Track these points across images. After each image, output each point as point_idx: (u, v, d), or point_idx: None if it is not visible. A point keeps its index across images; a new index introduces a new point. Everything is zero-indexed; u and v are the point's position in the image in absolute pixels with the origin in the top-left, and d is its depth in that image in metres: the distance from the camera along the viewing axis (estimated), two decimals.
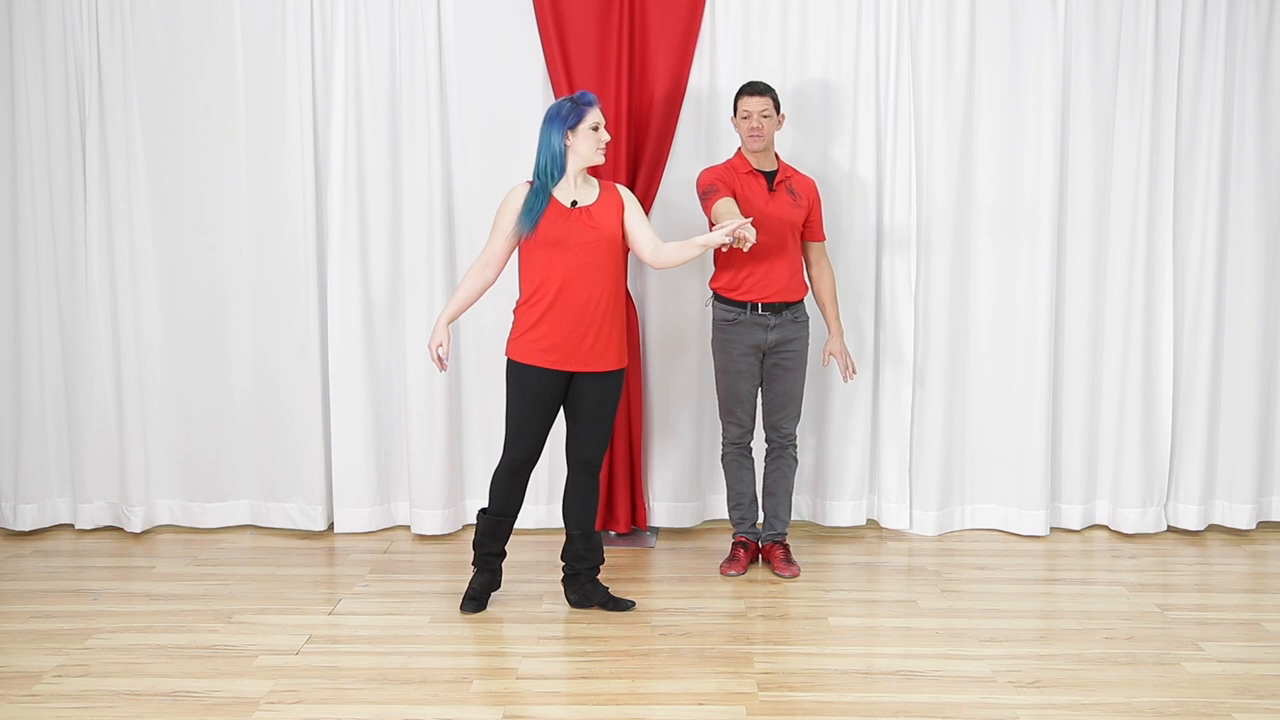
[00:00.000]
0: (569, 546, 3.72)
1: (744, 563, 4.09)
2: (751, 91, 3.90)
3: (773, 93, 3.92)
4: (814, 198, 4.03)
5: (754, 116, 3.88)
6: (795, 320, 3.99)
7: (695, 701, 3.03)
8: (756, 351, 3.98)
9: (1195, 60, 4.42)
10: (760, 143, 3.90)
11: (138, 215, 4.42)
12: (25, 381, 4.48)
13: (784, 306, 3.96)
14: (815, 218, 4.04)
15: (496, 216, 3.59)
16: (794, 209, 3.95)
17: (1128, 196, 4.45)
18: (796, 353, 4.00)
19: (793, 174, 4.02)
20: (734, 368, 3.99)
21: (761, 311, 3.94)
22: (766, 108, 3.88)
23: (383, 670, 3.22)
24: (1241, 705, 3.03)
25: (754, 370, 4.00)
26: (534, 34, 4.31)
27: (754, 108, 3.88)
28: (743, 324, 3.96)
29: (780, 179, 3.97)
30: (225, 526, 4.59)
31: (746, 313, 3.95)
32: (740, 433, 4.06)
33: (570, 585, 3.73)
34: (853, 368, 4.12)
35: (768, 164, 3.98)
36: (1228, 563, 4.29)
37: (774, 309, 3.95)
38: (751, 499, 4.13)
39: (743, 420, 4.04)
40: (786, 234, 3.93)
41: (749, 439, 4.08)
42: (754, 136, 3.89)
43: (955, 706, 3.01)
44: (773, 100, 3.91)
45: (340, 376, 4.45)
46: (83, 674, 3.19)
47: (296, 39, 4.33)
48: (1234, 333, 4.57)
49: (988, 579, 4.06)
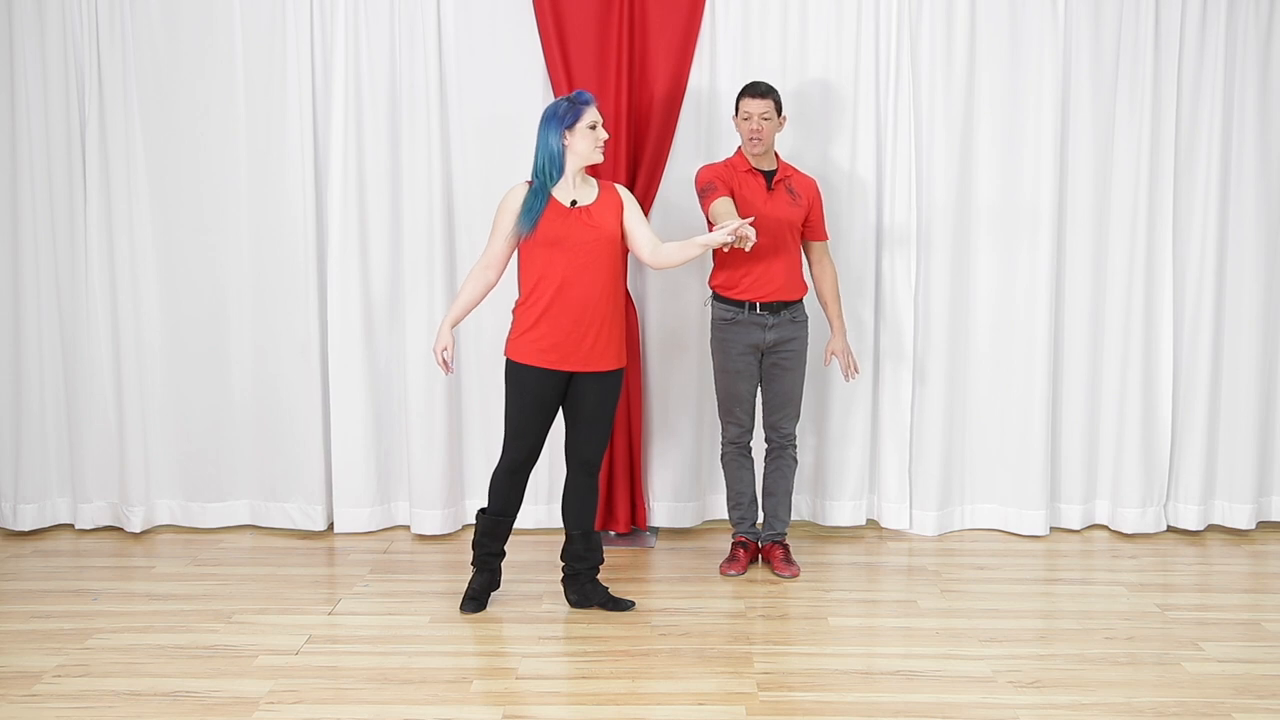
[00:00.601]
0: (569, 546, 3.72)
1: (744, 563, 4.09)
2: (753, 93, 3.90)
3: (775, 95, 3.91)
4: (814, 197, 4.03)
5: (754, 119, 3.88)
6: (794, 320, 3.99)
7: (695, 701, 3.03)
8: (755, 351, 3.98)
9: (1195, 60, 4.42)
10: (760, 146, 3.90)
11: (138, 215, 4.42)
12: (25, 381, 4.48)
13: (782, 306, 3.96)
14: (816, 217, 4.04)
15: (496, 218, 3.59)
16: (793, 208, 3.95)
17: (1128, 196, 4.45)
18: (795, 352, 4.00)
19: (793, 173, 4.02)
20: (732, 367, 3.98)
21: (760, 311, 3.94)
22: (767, 110, 3.88)
23: (383, 670, 3.22)
24: (1241, 705, 3.03)
25: (752, 370, 4.00)
26: (534, 34, 4.31)
27: (755, 110, 3.88)
28: (740, 323, 3.96)
29: (779, 178, 3.96)
30: (225, 526, 4.59)
31: (744, 312, 3.95)
32: (739, 432, 4.06)
33: (570, 585, 3.73)
34: (855, 367, 4.12)
35: (767, 163, 3.97)
36: (1228, 563, 4.29)
37: (772, 308, 3.95)
38: (751, 499, 4.13)
39: (741, 420, 4.04)
40: (785, 233, 3.93)
41: (748, 439, 4.08)
42: (754, 139, 3.89)
43: (955, 706, 3.01)
44: (774, 102, 3.90)
45: (340, 376, 4.45)
46: (83, 674, 3.19)
47: (296, 39, 4.33)
48: (1234, 333, 4.57)
49: (988, 579, 4.06)
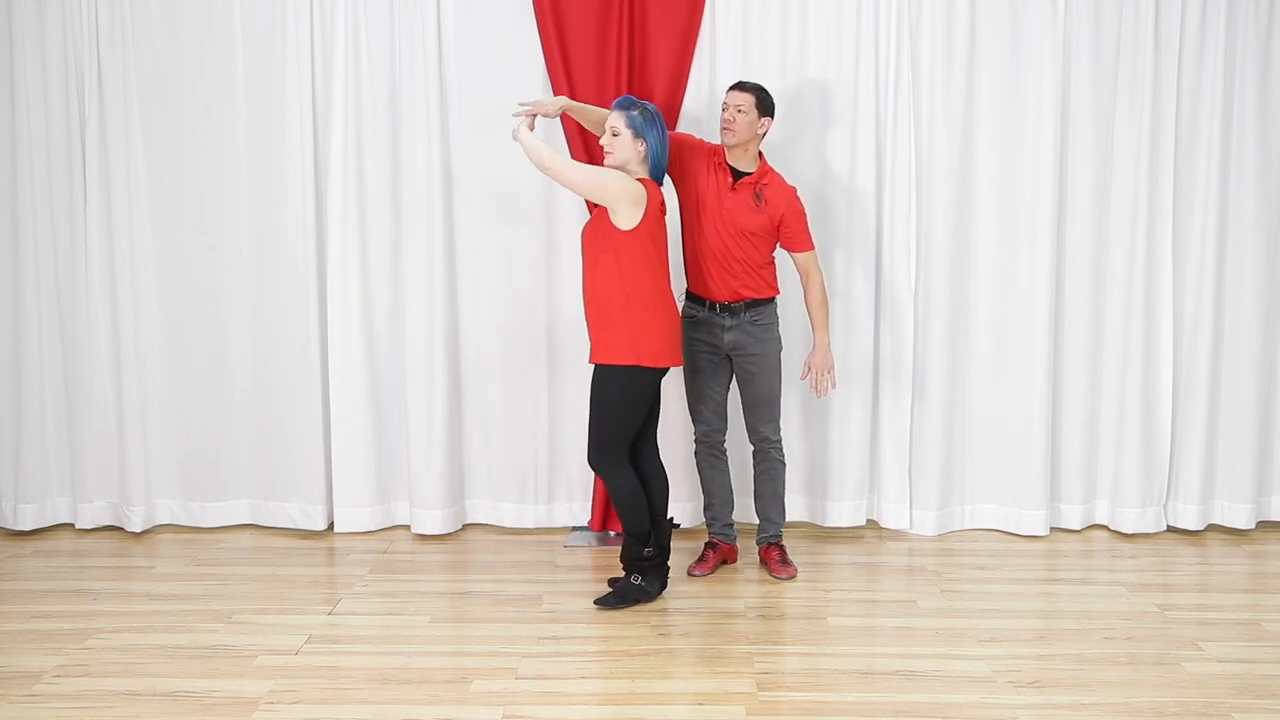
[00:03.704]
0: (656, 539, 3.74)
1: (712, 563, 4.09)
2: (735, 87, 3.87)
3: (760, 92, 3.85)
4: (787, 207, 3.85)
5: (729, 109, 3.85)
6: (755, 323, 3.92)
7: (695, 701, 3.03)
8: (717, 351, 3.96)
9: (1195, 59, 4.42)
10: (731, 136, 3.84)
11: (138, 215, 4.42)
12: (25, 381, 4.49)
13: (742, 308, 3.91)
14: (793, 230, 3.89)
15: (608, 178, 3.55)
16: (752, 213, 3.84)
17: (1127, 196, 4.45)
18: (759, 355, 3.94)
19: (770, 181, 3.90)
20: (695, 364, 3.99)
21: (718, 311, 3.92)
22: (743, 103, 3.83)
23: (383, 670, 3.23)
24: (1241, 705, 3.03)
25: (716, 369, 3.98)
26: (534, 34, 4.31)
27: (731, 101, 3.85)
28: (701, 321, 3.95)
29: (749, 180, 3.88)
30: (225, 526, 4.60)
31: (704, 310, 3.94)
32: (707, 430, 4.05)
33: (658, 575, 3.77)
34: (829, 385, 3.98)
35: (745, 163, 3.90)
36: (1227, 563, 4.29)
37: (730, 310, 3.91)
38: (723, 499, 4.12)
39: (708, 419, 4.03)
40: (739, 236, 3.84)
41: (718, 437, 4.07)
42: (725, 129, 3.86)
43: (955, 706, 3.01)
44: (756, 99, 3.84)
45: (340, 375, 4.46)
46: (83, 674, 3.20)
47: (296, 39, 4.33)
48: (1234, 333, 4.57)
49: (988, 579, 4.06)
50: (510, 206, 4.43)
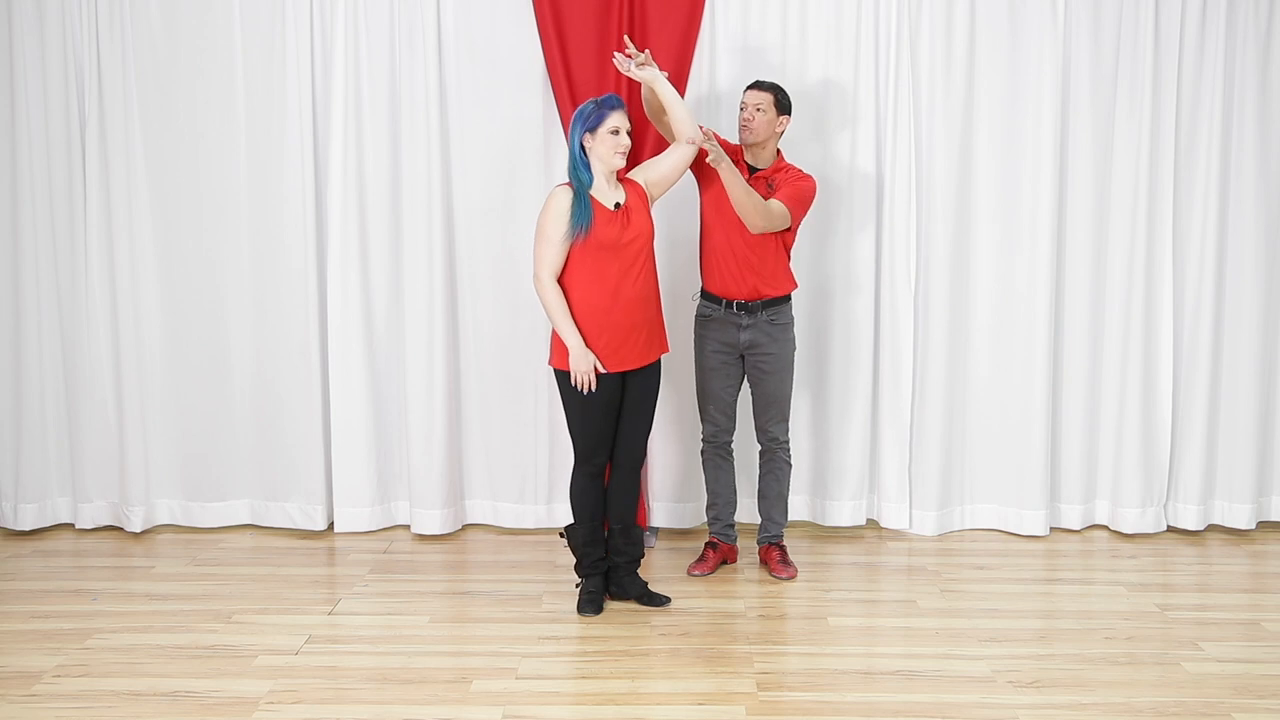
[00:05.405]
0: (609, 540, 3.74)
1: (712, 563, 4.09)
2: (753, 86, 3.89)
3: (778, 92, 3.88)
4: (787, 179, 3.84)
5: (748, 108, 3.86)
6: (772, 322, 3.93)
7: (695, 701, 3.03)
8: (731, 350, 3.95)
9: (1195, 60, 4.42)
10: (750, 135, 3.86)
11: (138, 215, 4.42)
12: (25, 381, 4.48)
13: (759, 306, 3.92)
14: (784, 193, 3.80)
15: (544, 223, 3.48)
16: None
17: (1127, 196, 4.45)
18: (774, 355, 3.95)
19: (784, 170, 3.91)
20: (707, 364, 3.98)
21: (736, 310, 3.92)
22: (761, 102, 3.85)
23: (383, 670, 3.22)
24: (1241, 705, 3.03)
25: (729, 369, 3.98)
26: (534, 36, 4.31)
27: (749, 100, 3.86)
28: (717, 320, 3.95)
29: (763, 174, 3.89)
30: (225, 526, 4.59)
31: (721, 309, 3.94)
32: (714, 430, 4.05)
33: (609, 578, 3.76)
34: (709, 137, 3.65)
35: (763, 162, 3.93)
36: (1227, 563, 4.29)
37: (748, 308, 3.92)
38: (727, 499, 4.12)
39: (716, 419, 4.03)
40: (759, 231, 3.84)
41: (726, 438, 4.07)
42: (744, 128, 3.87)
43: (955, 706, 3.01)
44: (775, 98, 3.87)
45: (340, 376, 4.46)
46: (83, 674, 3.20)
47: (296, 39, 4.33)
48: (1234, 332, 4.57)
49: (988, 579, 4.06)
50: (510, 207, 4.43)
